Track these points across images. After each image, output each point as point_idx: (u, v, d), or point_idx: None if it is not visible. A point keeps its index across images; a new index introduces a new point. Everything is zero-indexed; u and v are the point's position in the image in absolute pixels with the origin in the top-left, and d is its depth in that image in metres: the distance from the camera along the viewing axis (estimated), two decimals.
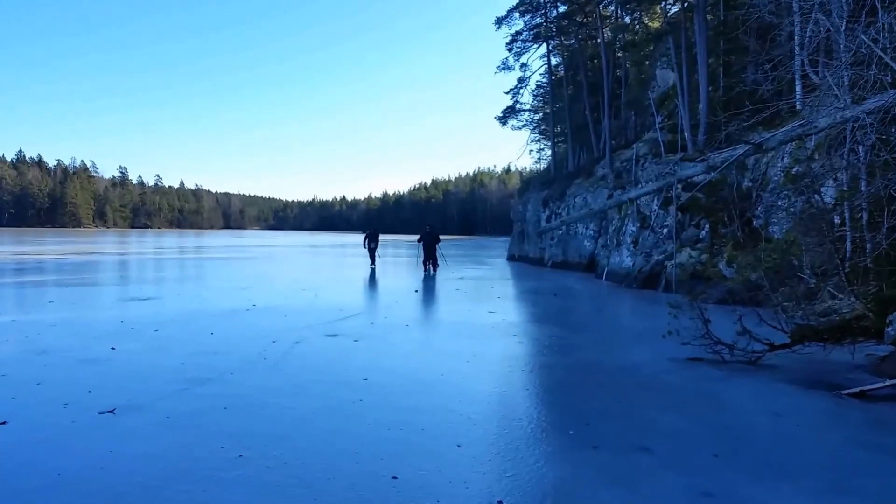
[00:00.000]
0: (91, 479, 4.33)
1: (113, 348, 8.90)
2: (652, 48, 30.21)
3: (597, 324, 13.44)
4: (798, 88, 16.66)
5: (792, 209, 13.44)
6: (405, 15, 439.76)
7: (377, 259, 28.02)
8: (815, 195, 11.47)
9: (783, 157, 15.85)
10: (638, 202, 21.59)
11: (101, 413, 5.77)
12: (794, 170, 14.49)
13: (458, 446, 5.07)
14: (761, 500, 4.16)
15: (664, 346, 9.00)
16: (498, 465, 4.69)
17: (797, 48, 15.69)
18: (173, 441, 5.10)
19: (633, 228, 21.71)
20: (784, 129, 11.50)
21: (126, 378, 7.22)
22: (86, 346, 9.11)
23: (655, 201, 20.56)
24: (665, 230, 19.72)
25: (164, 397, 6.40)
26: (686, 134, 22.80)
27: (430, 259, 25.10)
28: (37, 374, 7.30)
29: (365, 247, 28.20)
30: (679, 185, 18.67)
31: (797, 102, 15.64)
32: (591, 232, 27.34)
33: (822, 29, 11.21)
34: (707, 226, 18.22)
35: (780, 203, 15.06)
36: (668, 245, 19.17)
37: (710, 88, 22.40)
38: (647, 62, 32.63)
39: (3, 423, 5.45)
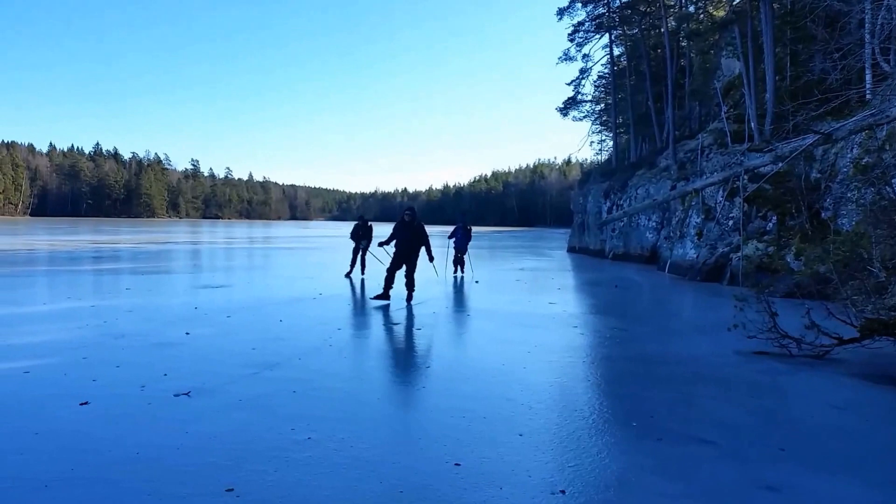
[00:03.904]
0: (167, 457, 4.51)
1: (187, 333, 9.24)
2: (717, 37, 29.60)
3: (659, 316, 13.31)
4: (868, 77, 16.18)
5: (861, 201, 13.04)
6: (469, 6, 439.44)
7: (365, 263, 18.48)
8: (886, 187, 11.14)
9: (852, 148, 15.41)
10: (703, 193, 21.26)
11: (176, 395, 6.00)
12: (864, 160, 14.04)
13: (520, 435, 5.10)
14: (825, 494, 4.14)
15: (729, 339, 8.94)
16: (560, 455, 4.70)
17: (867, 36, 15.22)
18: (245, 422, 5.28)
19: (698, 220, 21.37)
20: (854, 118, 11.26)
21: (200, 362, 7.51)
22: (161, 330, 9.46)
23: (721, 192, 20.21)
24: (731, 222, 19.36)
25: (236, 380, 6.64)
26: (752, 124, 22.30)
27: (406, 269, 13.28)
28: (115, 357, 7.59)
29: (355, 242, 18.66)
30: (745, 176, 18.37)
31: (867, 92, 15.21)
32: (654, 223, 27.02)
33: (894, 16, 10.89)
34: (774, 218, 17.83)
35: (849, 195, 14.64)
36: (734, 237, 18.83)
37: (777, 78, 21.84)
38: (711, 51, 31.98)
39: (85, 403, 5.71)
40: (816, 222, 16.44)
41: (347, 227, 19.31)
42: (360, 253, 18.49)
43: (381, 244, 14.07)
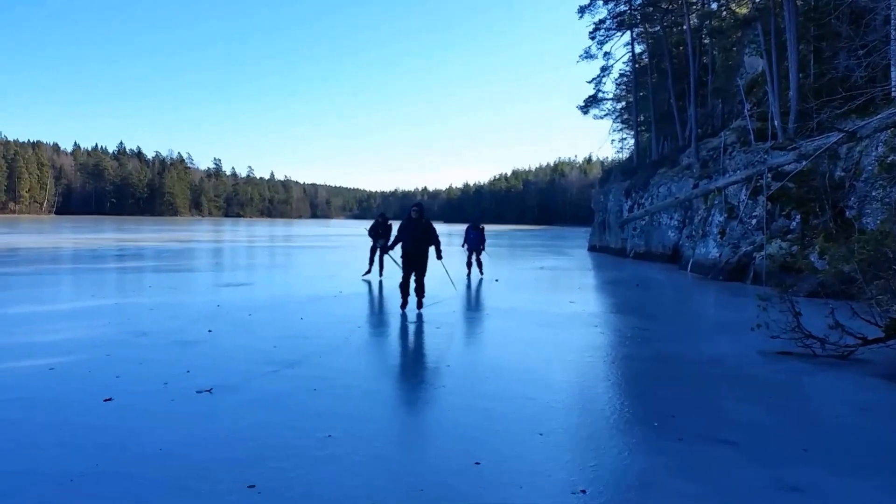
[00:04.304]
0: (189, 453, 4.56)
1: (209, 331, 9.35)
2: (740, 34, 29.32)
3: (681, 315, 13.22)
4: (893, 74, 15.96)
5: (886, 199, 12.94)
6: (488, 7, 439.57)
7: (384, 263, 17.64)
8: None
9: (877, 146, 15.21)
10: (725, 192, 21.09)
11: (198, 392, 6.08)
12: (889, 159, 13.91)
13: (540, 434, 5.09)
14: (847, 495, 4.10)
15: (751, 339, 8.86)
16: (580, 455, 4.68)
17: (893, 32, 15.02)
18: (266, 420, 5.33)
19: (720, 219, 21.19)
20: (879, 116, 11.12)
21: (222, 359, 7.60)
22: (184, 328, 9.59)
23: (744, 191, 20.03)
24: (754, 220, 19.19)
25: (257, 378, 6.71)
26: (776, 122, 22.06)
27: (416, 273, 11.65)
28: (138, 355, 7.70)
29: (373, 241, 17.70)
30: (769, 174, 18.19)
31: (892, 89, 15.01)
32: (675, 222, 26.82)
33: None
34: (798, 216, 17.63)
35: (873, 193, 14.49)
36: (757, 236, 18.65)
37: (801, 75, 21.58)
38: (734, 49, 31.71)
39: (109, 399, 5.79)
40: (841, 221, 16.25)
41: (368, 224, 18.99)
42: (379, 253, 17.57)
43: (386, 249, 12.98)
